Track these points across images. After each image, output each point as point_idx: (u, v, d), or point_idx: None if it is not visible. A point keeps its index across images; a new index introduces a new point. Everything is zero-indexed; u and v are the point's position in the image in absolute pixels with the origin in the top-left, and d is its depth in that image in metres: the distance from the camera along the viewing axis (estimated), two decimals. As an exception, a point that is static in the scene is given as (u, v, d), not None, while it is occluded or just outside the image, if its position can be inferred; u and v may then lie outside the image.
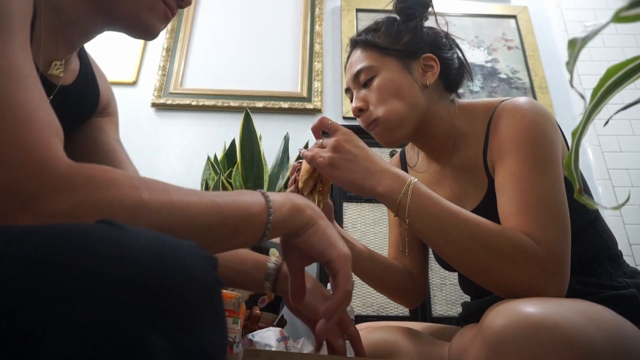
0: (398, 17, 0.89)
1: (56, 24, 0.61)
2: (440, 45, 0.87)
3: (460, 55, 0.89)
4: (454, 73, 0.87)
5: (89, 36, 0.67)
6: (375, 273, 0.91)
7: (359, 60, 0.86)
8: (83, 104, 0.74)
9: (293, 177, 0.82)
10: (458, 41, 0.90)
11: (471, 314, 0.87)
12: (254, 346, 0.75)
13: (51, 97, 0.65)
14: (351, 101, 0.90)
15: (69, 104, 0.69)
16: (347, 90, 0.91)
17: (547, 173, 0.68)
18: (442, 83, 0.86)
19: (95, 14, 0.63)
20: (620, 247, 0.81)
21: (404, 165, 1.01)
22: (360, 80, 0.86)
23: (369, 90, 0.84)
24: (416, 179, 0.68)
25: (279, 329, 0.81)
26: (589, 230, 0.78)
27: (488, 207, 0.75)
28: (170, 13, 0.66)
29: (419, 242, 0.97)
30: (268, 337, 0.77)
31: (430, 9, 0.88)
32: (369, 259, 0.90)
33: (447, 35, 0.88)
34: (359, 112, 0.86)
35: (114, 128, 0.83)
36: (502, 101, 0.78)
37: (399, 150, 1.60)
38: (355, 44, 0.89)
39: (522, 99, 0.76)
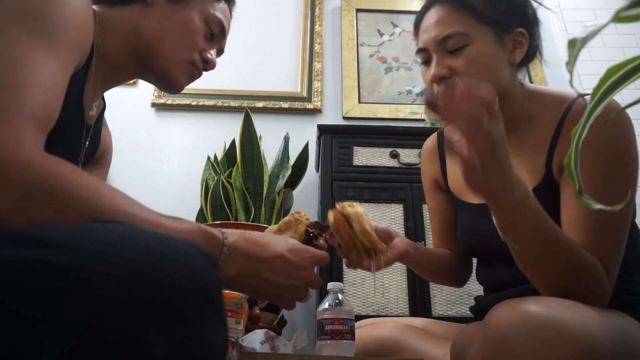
0: None
1: (101, 69, 0.68)
2: (530, 19, 0.78)
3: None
4: (532, 51, 0.79)
5: (122, 82, 0.76)
6: (427, 265, 0.92)
7: (449, 22, 0.74)
8: (93, 144, 0.78)
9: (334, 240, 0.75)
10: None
11: (487, 308, 0.86)
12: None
13: (88, 139, 0.71)
14: (423, 62, 0.80)
15: (91, 142, 0.74)
16: (421, 50, 0.79)
17: (623, 190, 0.65)
18: (523, 60, 0.79)
19: (132, 65, 0.72)
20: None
21: (440, 144, 0.96)
22: (448, 47, 0.74)
23: (456, 58, 0.74)
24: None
25: (264, 330, 0.80)
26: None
27: (536, 195, 0.73)
28: (197, 73, 0.77)
29: None
30: (253, 340, 0.77)
31: None
32: (421, 253, 0.90)
33: (531, 5, 0.79)
34: (441, 79, 0.76)
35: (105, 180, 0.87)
36: (581, 95, 0.73)
37: (399, 150, 1.60)
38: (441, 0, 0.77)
39: (614, 107, 0.66)
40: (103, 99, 0.78)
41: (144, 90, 2.10)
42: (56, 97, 0.50)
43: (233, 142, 1.70)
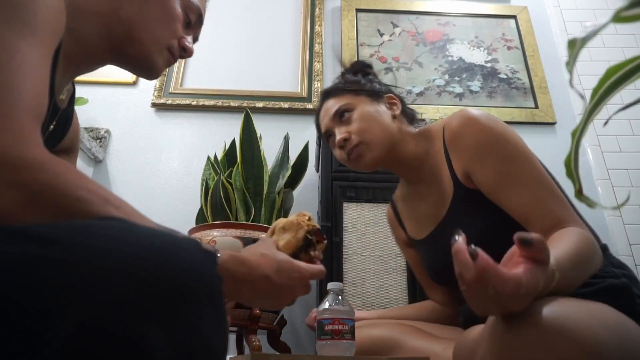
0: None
1: (72, 52, 0.65)
2: (393, 91, 1.07)
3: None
4: (408, 112, 1.06)
5: (94, 67, 0.72)
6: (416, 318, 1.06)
7: (335, 104, 1.00)
8: (63, 129, 0.77)
9: None
10: (457, 42, 1.04)
11: (475, 317, 0.86)
12: None
13: (55, 122, 0.68)
14: (328, 142, 1.03)
15: (58, 126, 0.72)
16: (326, 133, 1.02)
17: (529, 160, 0.77)
18: (404, 117, 1.04)
19: (108, 49, 0.68)
20: (619, 247, 0.82)
21: (395, 211, 1.12)
22: (340, 117, 0.98)
23: (349, 123, 0.96)
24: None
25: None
26: None
27: (457, 205, 0.87)
28: (173, 60, 0.75)
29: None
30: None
31: (373, 69, 1.11)
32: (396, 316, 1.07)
33: (394, 88, 1.09)
34: (344, 142, 0.95)
35: None
36: (447, 119, 0.92)
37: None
38: (326, 94, 1.04)
39: (463, 111, 0.87)
40: (73, 84, 0.75)
41: (144, 90, 2.10)
42: (45, 87, 0.50)
43: (233, 142, 1.70)
